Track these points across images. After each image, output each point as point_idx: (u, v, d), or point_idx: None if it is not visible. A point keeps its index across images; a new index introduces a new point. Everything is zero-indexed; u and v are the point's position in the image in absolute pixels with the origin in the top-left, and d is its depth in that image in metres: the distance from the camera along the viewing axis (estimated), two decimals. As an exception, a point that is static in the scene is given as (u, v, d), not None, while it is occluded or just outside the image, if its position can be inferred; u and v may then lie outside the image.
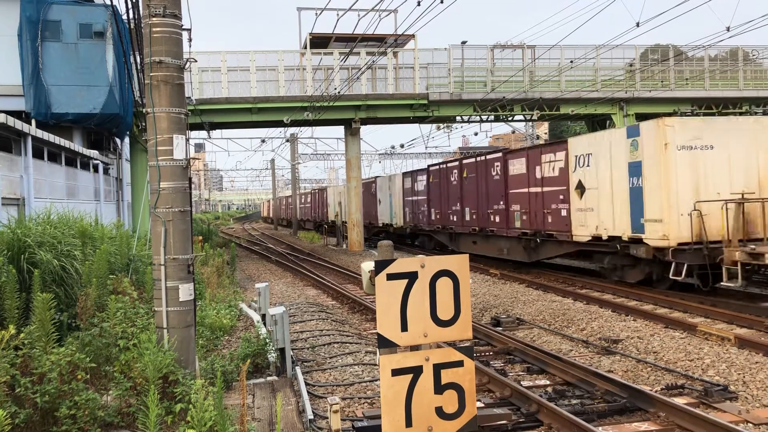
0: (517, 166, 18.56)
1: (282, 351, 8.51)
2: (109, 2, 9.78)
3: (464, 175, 22.36)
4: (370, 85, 28.63)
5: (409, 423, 3.75)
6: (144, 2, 6.52)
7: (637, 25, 17.57)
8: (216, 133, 36.97)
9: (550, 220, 16.87)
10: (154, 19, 6.45)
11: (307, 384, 8.04)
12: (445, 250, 25.06)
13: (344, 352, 10.06)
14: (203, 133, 33.58)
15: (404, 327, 3.78)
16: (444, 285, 3.86)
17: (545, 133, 59.40)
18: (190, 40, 7.16)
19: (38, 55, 20.50)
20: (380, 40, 26.54)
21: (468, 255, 4.06)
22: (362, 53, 27.90)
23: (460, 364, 3.89)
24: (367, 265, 4.85)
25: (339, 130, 37.94)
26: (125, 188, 26.50)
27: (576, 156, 15.78)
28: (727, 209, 12.20)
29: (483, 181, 20.75)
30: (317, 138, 62.36)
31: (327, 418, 6.39)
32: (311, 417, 6.61)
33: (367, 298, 14.58)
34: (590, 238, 15.24)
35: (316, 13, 19.77)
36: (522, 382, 8.22)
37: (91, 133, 23.21)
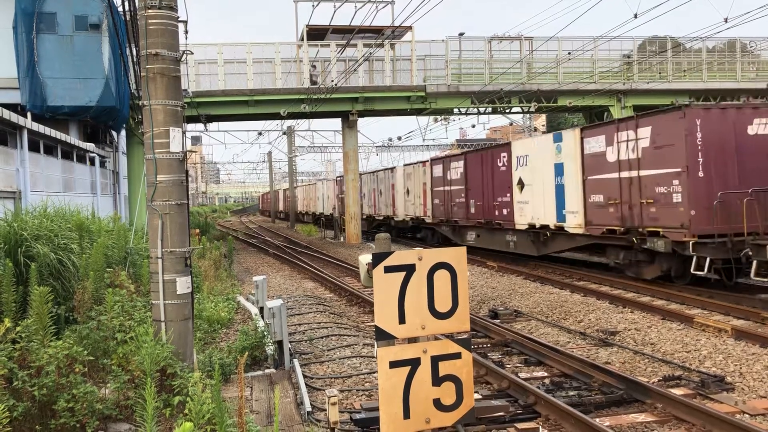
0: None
1: (280, 344, 8.52)
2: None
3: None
4: (367, 77, 28.56)
5: (407, 415, 3.76)
6: (139, -6, 6.48)
7: (635, 16, 17.56)
8: (213, 125, 36.90)
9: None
10: (149, 11, 6.41)
11: (305, 376, 8.05)
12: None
13: (342, 344, 10.07)
14: (200, 126, 33.49)
15: (402, 319, 3.78)
16: (442, 277, 3.86)
17: (543, 126, 59.36)
18: (186, 32, 7.12)
19: (33, 48, 20.37)
20: (377, 31, 26.45)
21: (465, 248, 4.06)
22: (359, 45, 27.81)
23: (457, 356, 3.90)
24: (365, 258, 4.85)
25: (336, 123, 37.77)
26: (122, 181, 26.43)
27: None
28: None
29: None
30: (314, 130, 62.33)
31: (325, 410, 6.41)
32: (309, 409, 6.63)
33: (364, 290, 14.59)
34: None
35: (313, 5, 19.71)
36: (519, 374, 8.24)
37: (87, 126, 23.11)
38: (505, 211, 18.81)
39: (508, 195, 18.49)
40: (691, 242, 12.09)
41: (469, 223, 21.45)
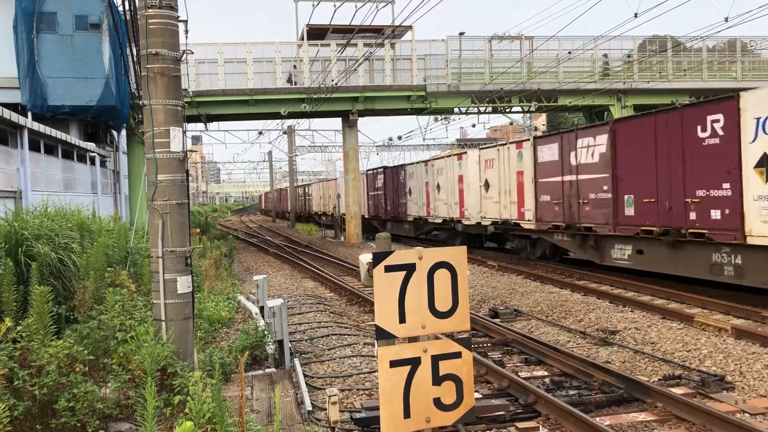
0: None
1: (280, 343, 8.53)
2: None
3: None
4: (367, 76, 28.57)
5: (407, 414, 3.76)
6: (140, -7, 6.48)
7: (635, 15, 17.57)
8: (213, 125, 36.89)
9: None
10: (150, 10, 6.41)
11: (305, 376, 8.06)
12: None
13: (342, 343, 10.08)
14: (200, 125, 33.53)
15: (402, 318, 3.79)
16: (442, 277, 3.86)
17: (543, 125, 59.41)
18: (186, 31, 7.13)
19: (34, 47, 20.38)
20: (377, 31, 26.47)
21: (465, 247, 4.06)
22: (359, 45, 27.83)
23: (458, 355, 3.91)
24: (365, 257, 4.85)
25: (336, 122, 37.45)
26: (122, 180, 26.44)
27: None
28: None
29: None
30: (315, 130, 62.24)
31: (325, 409, 6.42)
32: (310, 408, 6.64)
33: (365, 290, 14.59)
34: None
35: (313, 5, 19.72)
36: (520, 373, 8.25)
37: (87, 126, 23.12)
38: (716, 214, 11.51)
39: (727, 186, 11.29)
40: None
41: (619, 231, 14.00)
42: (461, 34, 29.63)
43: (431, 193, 24.87)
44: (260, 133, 47.53)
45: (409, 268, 3.79)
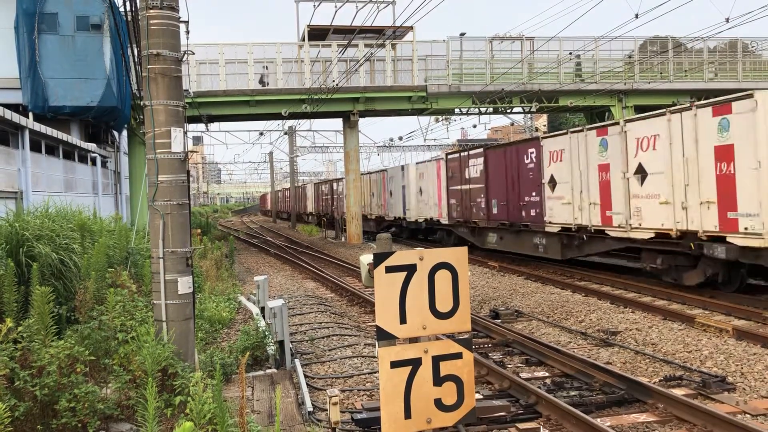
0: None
1: (281, 344, 8.53)
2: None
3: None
4: (368, 77, 28.58)
5: (408, 415, 3.76)
6: (141, -6, 6.48)
7: (636, 16, 17.56)
8: (214, 125, 36.90)
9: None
10: (151, 11, 6.42)
11: (306, 376, 8.05)
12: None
13: (343, 344, 10.08)
14: (201, 126, 33.54)
15: (403, 319, 3.79)
16: (443, 277, 3.86)
17: (544, 125, 59.42)
18: (187, 32, 7.14)
19: (35, 48, 20.40)
20: (378, 32, 26.47)
21: (466, 247, 4.06)
22: (360, 45, 27.84)
23: (458, 356, 3.90)
24: (366, 258, 4.85)
25: (337, 123, 37.32)
26: (123, 181, 26.45)
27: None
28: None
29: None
30: (315, 131, 62.17)
31: (326, 410, 6.41)
32: (310, 409, 6.63)
33: (365, 290, 14.59)
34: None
35: (314, 5, 19.73)
36: (521, 374, 8.24)
37: (88, 126, 23.14)
38: None
39: None
40: None
41: None
42: (462, 34, 29.60)
43: (615, 184, 14.14)
44: (261, 133, 47.44)
45: (410, 269, 3.79)
